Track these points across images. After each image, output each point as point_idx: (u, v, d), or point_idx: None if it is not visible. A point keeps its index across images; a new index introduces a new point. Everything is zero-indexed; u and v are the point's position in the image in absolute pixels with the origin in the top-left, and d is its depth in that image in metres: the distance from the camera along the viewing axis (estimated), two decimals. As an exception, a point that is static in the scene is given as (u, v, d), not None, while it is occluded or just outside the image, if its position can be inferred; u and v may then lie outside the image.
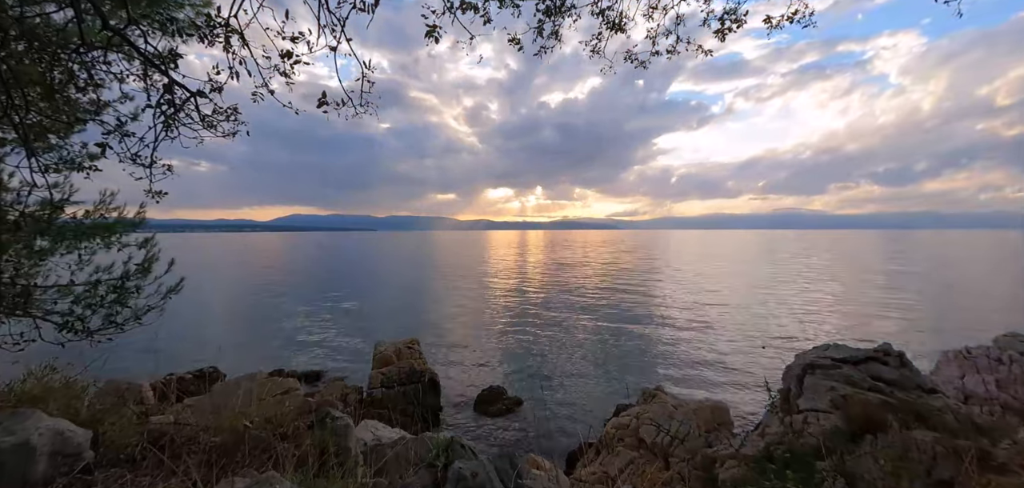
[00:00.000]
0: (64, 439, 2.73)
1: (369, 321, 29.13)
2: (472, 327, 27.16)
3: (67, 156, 3.63)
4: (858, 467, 3.77)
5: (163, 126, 3.08)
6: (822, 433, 4.30)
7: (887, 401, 4.67)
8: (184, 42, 2.92)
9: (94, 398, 4.02)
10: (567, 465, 10.41)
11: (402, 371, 14.19)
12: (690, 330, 25.21)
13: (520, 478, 2.93)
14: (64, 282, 3.65)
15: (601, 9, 3.82)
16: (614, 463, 8.05)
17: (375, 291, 43.38)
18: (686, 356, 20.47)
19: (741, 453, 4.96)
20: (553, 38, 3.92)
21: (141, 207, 3.84)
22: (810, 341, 21.75)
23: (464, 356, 21.08)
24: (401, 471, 3.41)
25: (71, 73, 2.93)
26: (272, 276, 57.18)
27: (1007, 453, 3.36)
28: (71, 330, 3.61)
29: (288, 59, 2.86)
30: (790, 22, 3.63)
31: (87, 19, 2.84)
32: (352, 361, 20.14)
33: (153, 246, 3.99)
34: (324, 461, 3.13)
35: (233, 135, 3.33)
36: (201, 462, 2.80)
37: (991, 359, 10.51)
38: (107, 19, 2.72)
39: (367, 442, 4.03)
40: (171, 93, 2.94)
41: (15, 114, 2.86)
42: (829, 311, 30.38)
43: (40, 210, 3.48)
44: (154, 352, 19.08)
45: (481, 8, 3.26)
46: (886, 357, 5.75)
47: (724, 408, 9.58)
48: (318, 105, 2.94)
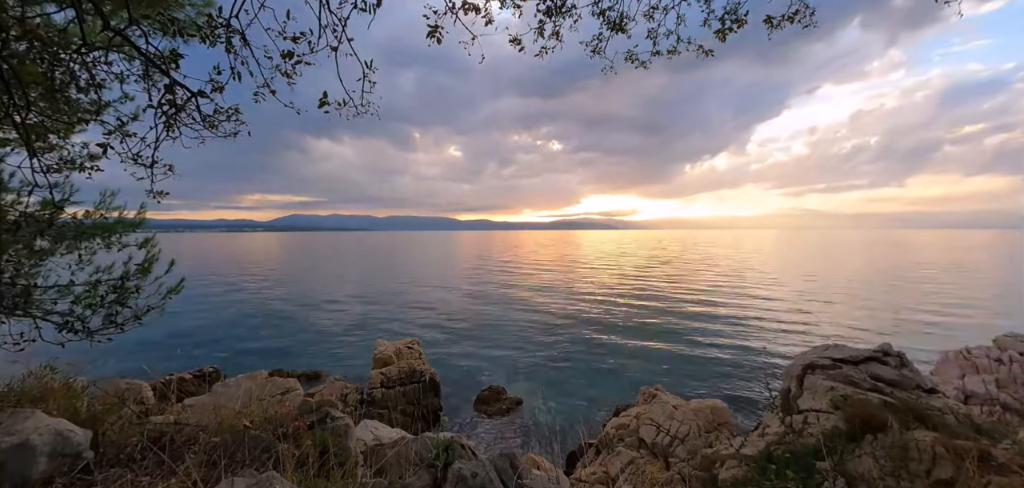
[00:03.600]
0: (64, 439, 2.73)
1: (369, 321, 29.12)
2: (472, 327, 27.15)
3: (68, 156, 3.63)
4: (858, 467, 3.77)
5: (164, 126, 3.08)
6: (822, 433, 4.30)
7: (887, 401, 4.67)
8: (185, 42, 2.92)
9: (94, 398, 4.02)
10: (567, 465, 10.41)
11: (402, 371, 14.19)
12: (690, 330, 25.22)
13: (520, 478, 2.93)
14: (64, 282, 3.65)
15: (602, 9, 3.83)
16: (614, 463, 8.05)
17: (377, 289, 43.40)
18: (686, 356, 20.47)
19: (741, 453, 4.95)
20: (554, 38, 3.92)
21: (141, 207, 3.84)
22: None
23: (464, 356, 21.08)
24: (401, 471, 3.41)
25: (72, 73, 2.93)
26: (272, 276, 57.14)
27: (1007, 453, 3.36)
28: (71, 330, 3.60)
29: (289, 59, 2.87)
30: (791, 22, 3.64)
31: (88, 19, 2.84)
32: (352, 361, 20.14)
33: (153, 246, 3.99)
34: (324, 461, 3.13)
35: (234, 135, 3.33)
36: (201, 462, 2.80)
37: (991, 359, 10.52)
38: (108, 19, 2.72)
39: (367, 442, 4.03)
40: (172, 93, 2.94)
41: (16, 114, 2.86)
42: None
43: (40, 210, 3.48)
44: (154, 352, 19.06)
45: (483, 9, 3.26)
46: (886, 357, 5.75)
47: (724, 408, 9.58)
48: (319, 105, 2.94)
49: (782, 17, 3.65)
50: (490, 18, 3.36)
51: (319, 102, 2.94)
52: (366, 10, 2.81)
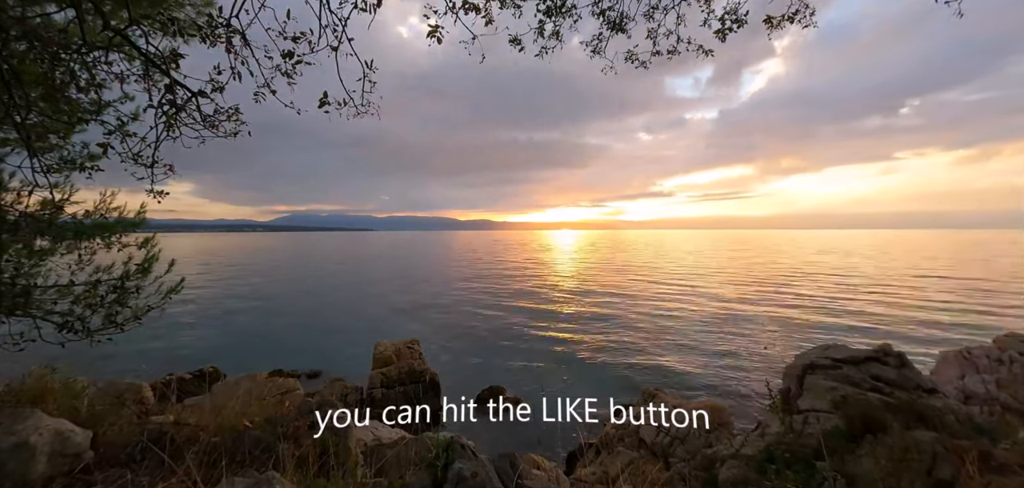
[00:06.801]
0: (64, 439, 2.73)
1: (369, 321, 29.11)
2: (473, 327, 27.14)
3: (68, 156, 3.63)
4: (858, 467, 3.77)
5: (164, 126, 3.08)
6: (822, 433, 4.30)
7: (887, 401, 4.67)
8: (185, 42, 2.92)
9: (94, 398, 4.02)
10: (567, 465, 10.41)
11: (402, 371, 14.19)
12: (691, 330, 25.21)
13: (520, 478, 2.93)
14: (64, 282, 3.65)
15: (602, 9, 3.83)
16: (614, 463, 8.05)
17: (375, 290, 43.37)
18: (688, 356, 20.46)
19: (741, 453, 4.95)
20: (554, 39, 3.92)
21: (142, 207, 3.83)
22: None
23: (464, 356, 21.07)
24: (401, 471, 3.41)
25: (72, 73, 2.92)
26: (272, 276, 57.11)
27: (1007, 453, 3.36)
28: (71, 330, 3.60)
29: (289, 59, 2.87)
30: (791, 22, 3.64)
31: (88, 19, 2.84)
32: (352, 361, 20.13)
33: (153, 246, 3.99)
34: (324, 461, 3.13)
35: (235, 135, 3.33)
36: (201, 462, 2.79)
37: (991, 359, 10.52)
38: (108, 19, 2.72)
39: (367, 442, 4.04)
40: (172, 93, 2.94)
41: (16, 114, 2.86)
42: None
43: (40, 210, 3.48)
44: (154, 352, 19.04)
45: (483, 9, 3.26)
46: (886, 357, 5.75)
47: (724, 408, 9.58)
48: (319, 105, 2.94)
49: (782, 17, 3.65)
50: (490, 18, 3.36)
51: (319, 102, 2.93)
52: (366, 10, 2.81)
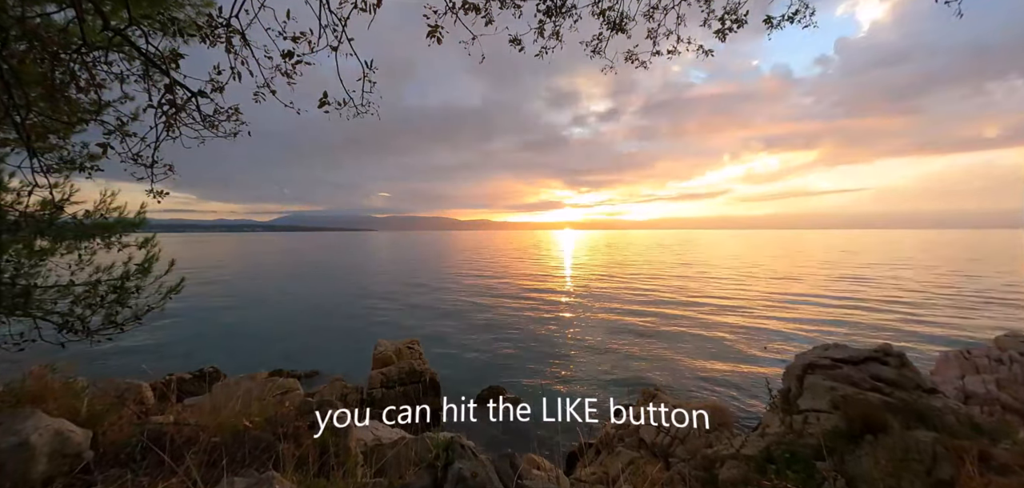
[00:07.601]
0: (64, 439, 2.73)
1: (369, 321, 29.12)
2: (473, 326, 27.14)
3: (68, 156, 3.63)
4: (858, 467, 3.77)
5: (164, 126, 3.08)
6: (822, 433, 4.30)
7: (887, 401, 4.67)
8: (185, 42, 2.92)
9: (94, 398, 4.02)
10: (567, 465, 10.40)
11: (402, 371, 14.19)
12: (692, 329, 25.21)
13: (520, 478, 2.93)
14: (64, 282, 3.65)
15: (602, 9, 3.82)
16: (614, 463, 8.05)
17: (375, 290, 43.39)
18: (688, 355, 20.47)
19: (741, 453, 4.95)
20: (554, 39, 3.92)
21: (142, 207, 3.84)
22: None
23: (464, 356, 21.07)
24: (401, 471, 3.41)
25: (72, 73, 2.92)
26: (272, 276, 57.14)
27: (1007, 453, 3.36)
28: (71, 330, 3.61)
29: (289, 59, 2.87)
30: (791, 22, 3.63)
31: (88, 19, 2.84)
32: (352, 361, 20.12)
33: (153, 246, 3.99)
34: (324, 461, 3.13)
35: (235, 135, 3.33)
36: (201, 462, 2.79)
37: (991, 359, 10.51)
38: (108, 19, 2.72)
39: (367, 442, 4.04)
40: (172, 93, 2.94)
41: (16, 114, 2.86)
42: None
43: (40, 210, 3.48)
44: (154, 352, 19.05)
45: (483, 8, 3.26)
46: (886, 357, 5.75)
47: (724, 408, 9.58)
48: (319, 105, 2.94)
49: (782, 17, 3.64)
50: (490, 18, 3.36)
51: (319, 102, 2.94)
52: (366, 10, 2.81)
